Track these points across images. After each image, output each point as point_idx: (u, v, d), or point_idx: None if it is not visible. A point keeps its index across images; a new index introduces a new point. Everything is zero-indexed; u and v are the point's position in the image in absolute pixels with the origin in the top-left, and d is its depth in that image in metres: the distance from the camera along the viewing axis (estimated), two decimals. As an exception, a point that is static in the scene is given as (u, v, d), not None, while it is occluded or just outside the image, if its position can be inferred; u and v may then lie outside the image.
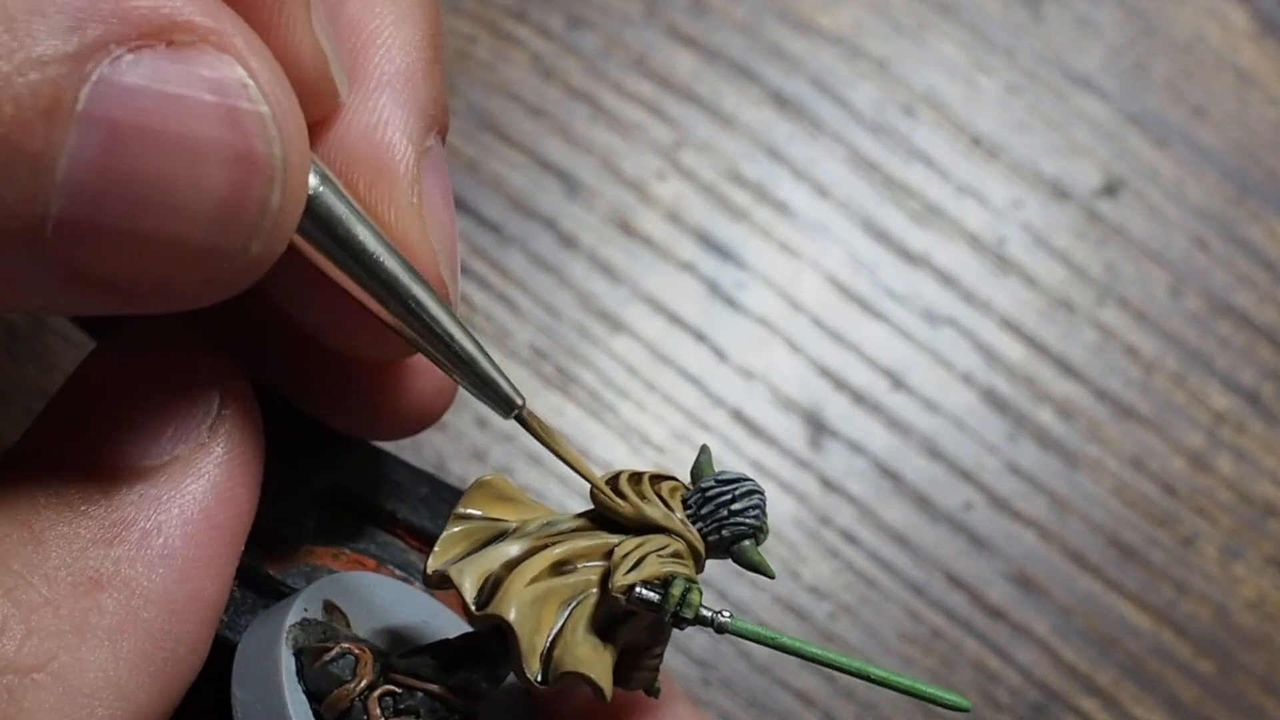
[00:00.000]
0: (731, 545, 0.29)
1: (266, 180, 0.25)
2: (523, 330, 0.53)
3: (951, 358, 0.54)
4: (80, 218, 0.24)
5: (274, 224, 0.25)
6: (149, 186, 0.24)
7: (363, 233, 0.27)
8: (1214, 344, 0.55)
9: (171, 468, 0.27)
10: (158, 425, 0.28)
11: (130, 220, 0.24)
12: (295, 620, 0.30)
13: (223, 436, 0.28)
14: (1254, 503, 0.53)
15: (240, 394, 0.29)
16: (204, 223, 0.24)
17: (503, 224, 0.54)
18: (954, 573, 0.52)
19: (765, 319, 0.54)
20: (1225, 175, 0.56)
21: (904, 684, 0.29)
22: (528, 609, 0.28)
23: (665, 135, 0.55)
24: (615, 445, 0.52)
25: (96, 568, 0.26)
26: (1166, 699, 0.51)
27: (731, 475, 0.29)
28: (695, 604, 0.28)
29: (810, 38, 0.56)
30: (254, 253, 0.25)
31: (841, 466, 0.52)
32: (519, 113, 0.55)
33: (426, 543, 0.35)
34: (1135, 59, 0.57)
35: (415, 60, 0.30)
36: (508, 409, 0.29)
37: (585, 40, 0.55)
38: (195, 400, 0.28)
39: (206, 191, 0.24)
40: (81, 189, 0.24)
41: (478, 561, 0.29)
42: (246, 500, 0.28)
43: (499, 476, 0.30)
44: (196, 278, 0.25)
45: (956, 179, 0.56)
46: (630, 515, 0.29)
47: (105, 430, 0.27)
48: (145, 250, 0.24)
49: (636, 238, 0.54)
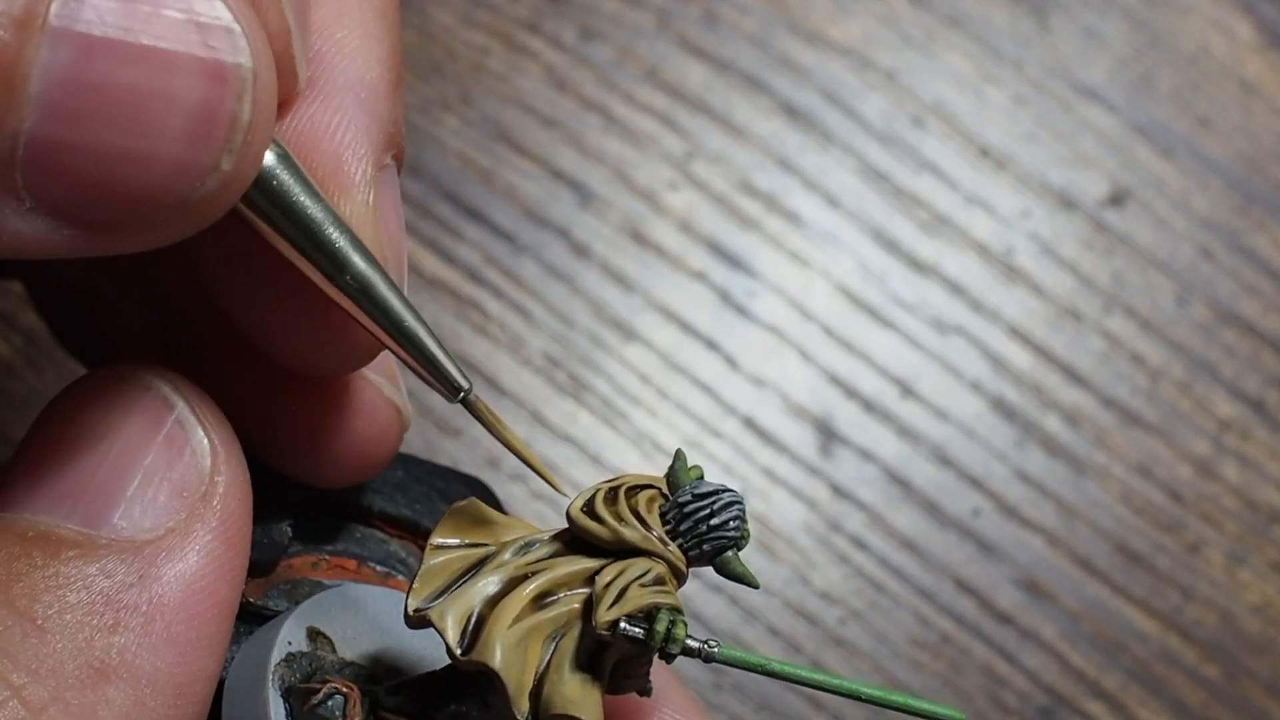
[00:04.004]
0: (713, 558, 0.29)
1: (237, 94, 0.24)
2: (536, 338, 0.53)
3: (960, 366, 0.54)
4: (51, 135, 0.23)
5: (245, 139, 0.25)
6: (121, 101, 0.24)
7: (314, 207, 0.27)
8: (1219, 352, 0.55)
9: (169, 540, 0.26)
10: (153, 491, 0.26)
11: (103, 136, 0.24)
12: (280, 657, 0.29)
13: (217, 500, 0.27)
14: (1259, 509, 0.54)
15: (232, 450, 0.27)
16: (176, 137, 0.24)
17: (516, 234, 0.54)
18: (963, 578, 0.52)
19: (776, 327, 0.54)
20: (1230, 185, 0.57)
21: (896, 701, 0.28)
22: (512, 652, 0.27)
23: (677, 146, 0.55)
24: (627, 452, 0.52)
25: (102, 657, 0.25)
26: (1173, 703, 0.52)
27: (708, 487, 0.29)
28: (680, 638, 0.27)
29: (820, 49, 0.57)
30: (225, 170, 0.25)
31: (851, 473, 0.53)
32: (532, 123, 0.55)
33: (405, 530, 0.34)
34: (1141, 70, 0.58)
35: (380, 77, 0.30)
36: (454, 392, 0.29)
37: (598, 52, 0.56)
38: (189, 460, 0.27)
39: (177, 105, 0.24)
40: (53, 104, 0.23)
41: (458, 600, 0.28)
42: (240, 569, 0.27)
43: (472, 500, 0.29)
44: (167, 200, 0.24)
45: (965, 189, 0.56)
46: (608, 539, 0.28)
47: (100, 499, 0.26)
48: (116, 170, 0.24)
49: (649, 247, 0.54)
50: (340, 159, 0.29)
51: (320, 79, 0.29)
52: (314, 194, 0.27)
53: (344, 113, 0.29)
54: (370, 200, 0.29)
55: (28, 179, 0.24)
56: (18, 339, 0.51)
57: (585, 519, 0.28)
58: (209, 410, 0.27)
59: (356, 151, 0.29)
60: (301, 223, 0.27)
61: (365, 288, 0.28)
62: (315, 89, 0.29)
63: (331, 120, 0.29)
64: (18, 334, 0.51)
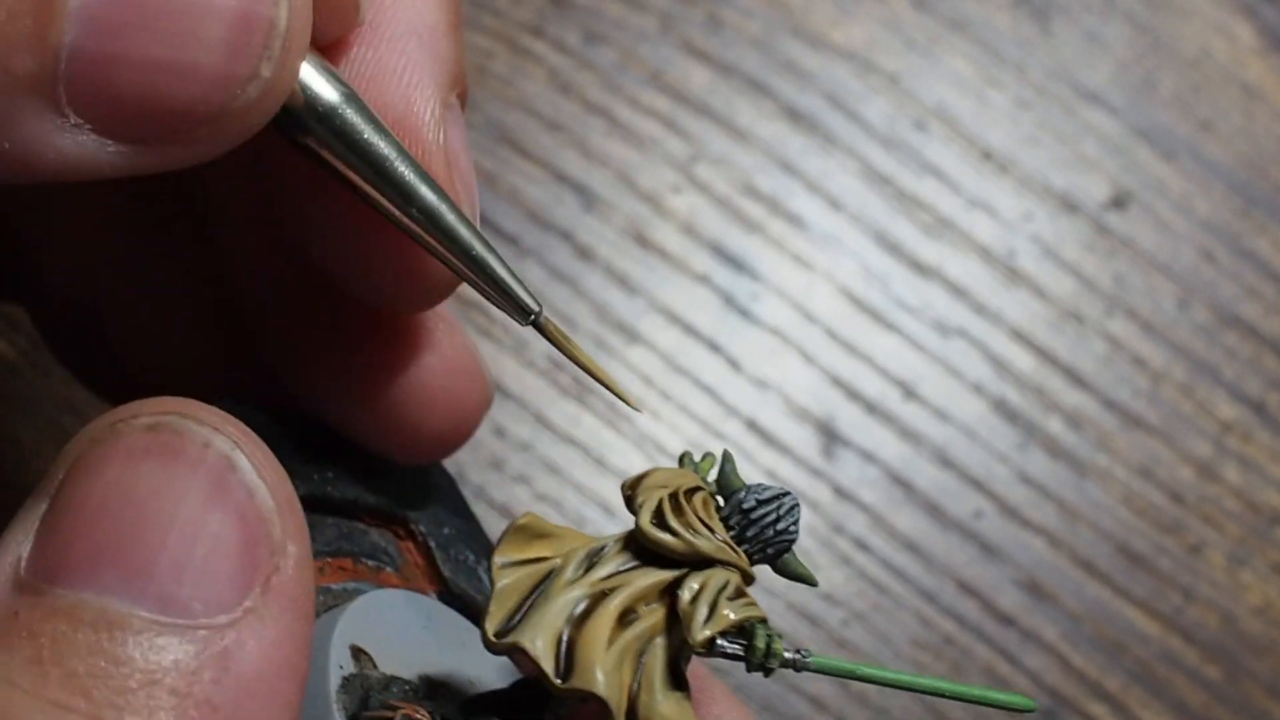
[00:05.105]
0: (775, 560, 0.29)
1: (273, 1, 0.25)
2: (540, 341, 0.53)
3: (962, 368, 0.55)
4: (93, 49, 0.24)
5: (283, 46, 0.25)
6: (161, 11, 0.24)
7: (382, 143, 0.28)
8: (1221, 354, 0.55)
9: (248, 622, 0.23)
10: (225, 566, 0.24)
11: (144, 47, 0.24)
12: (337, 684, 0.28)
13: (290, 572, 0.24)
14: (1260, 511, 0.54)
15: (294, 509, 0.25)
16: (216, 46, 0.24)
17: (520, 236, 0.54)
18: (965, 580, 0.53)
19: (779, 330, 0.54)
20: (1232, 188, 0.57)
21: (974, 694, 0.29)
22: (614, 675, 0.27)
23: (680, 149, 0.56)
24: (631, 454, 0.52)
25: None
26: (1174, 704, 0.52)
27: (769, 491, 0.29)
28: (780, 653, 0.28)
29: (823, 53, 0.57)
30: (265, 76, 0.25)
31: (854, 475, 0.53)
32: (536, 127, 0.55)
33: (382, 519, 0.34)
34: (1143, 74, 0.58)
35: (440, 19, 0.30)
36: (525, 315, 0.30)
37: (601, 55, 0.56)
38: (258, 529, 0.24)
39: (216, 14, 0.24)
40: (94, 17, 0.23)
41: (541, 621, 0.27)
42: (310, 637, 0.25)
43: (533, 516, 0.29)
44: (210, 110, 0.25)
45: (967, 192, 0.56)
46: (684, 552, 0.28)
47: (170, 579, 0.23)
48: (159, 81, 0.24)
49: (652, 250, 0.55)
50: (409, 100, 0.29)
51: (382, 24, 0.29)
52: (381, 130, 0.28)
53: (407, 55, 0.29)
54: (440, 139, 0.29)
55: (71, 94, 0.24)
56: (22, 341, 0.52)
57: (658, 533, 0.28)
58: (268, 465, 0.25)
59: (423, 92, 0.29)
60: (369, 157, 0.28)
61: (433, 218, 0.28)
62: (378, 34, 0.29)
63: (397, 64, 0.29)
64: (22, 336, 0.52)
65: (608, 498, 0.52)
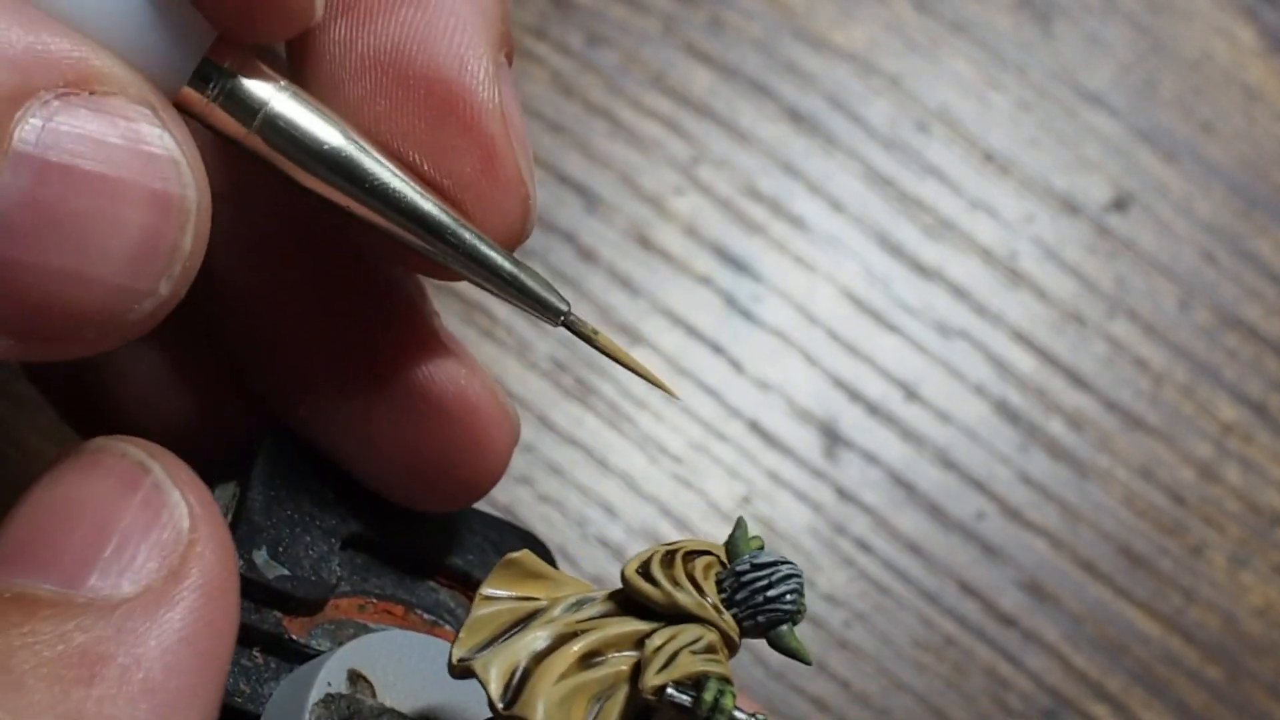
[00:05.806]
0: (767, 630, 0.28)
1: (179, 225, 0.26)
2: (543, 342, 0.53)
3: (964, 370, 0.55)
4: (2, 253, 0.24)
5: (184, 267, 0.26)
6: (72, 225, 0.25)
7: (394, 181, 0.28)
8: (1222, 356, 0.56)
9: (147, 598, 0.26)
10: (131, 552, 0.27)
11: (51, 256, 0.25)
12: (319, 698, 0.29)
13: (196, 558, 0.27)
14: (1261, 512, 0.54)
15: (209, 510, 0.28)
16: (120, 262, 0.25)
17: (523, 238, 0.54)
18: (966, 581, 0.53)
19: (781, 331, 0.54)
20: (1233, 190, 0.57)
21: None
22: (556, 709, 0.27)
23: (682, 151, 0.56)
24: (633, 455, 0.53)
25: (78, 708, 0.25)
26: (1175, 705, 0.52)
27: (768, 558, 0.28)
28: (729, 709, 0.27)
29: (825, 55, 0.57)
30: (163, 294, 0.26)
31: (856, 476, 0.53)
32: (539, 129, 0.55)
33: (456, 580, 0.34)
34: (1145, 76, 0.58)
35: None
36: (555, 316, 0.30)
37: (604, 57, 0.56)
38: (167, 522, 0.27)
39: (124, 231, 0.25)
40: (9, 224, 0.24)
41: (504, 652, 0.27)
42: (226, 622, 0.27)
43: (526, 553, 0.29)
44: (103, 319, 0.26)
45: (969, 194, 0.56)
46: (662, 603, 0.28)
47: (76, 562, 0.27)
48: (60, 288, 0.25)
49: (654, 251, 0.55)
50: (462, 61, 0.29)
51: None
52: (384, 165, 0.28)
53: (458, 16, 0.29)
54: (496, 97, 0.30)
55: None
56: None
57: (639, 580, 0.28)
58: (184, 474, 0.28)
59: (476, 52, 0.29)
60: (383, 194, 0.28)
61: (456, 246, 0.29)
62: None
63: (448, 25, 0.29)
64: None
65: (610, 499, 0.52)
